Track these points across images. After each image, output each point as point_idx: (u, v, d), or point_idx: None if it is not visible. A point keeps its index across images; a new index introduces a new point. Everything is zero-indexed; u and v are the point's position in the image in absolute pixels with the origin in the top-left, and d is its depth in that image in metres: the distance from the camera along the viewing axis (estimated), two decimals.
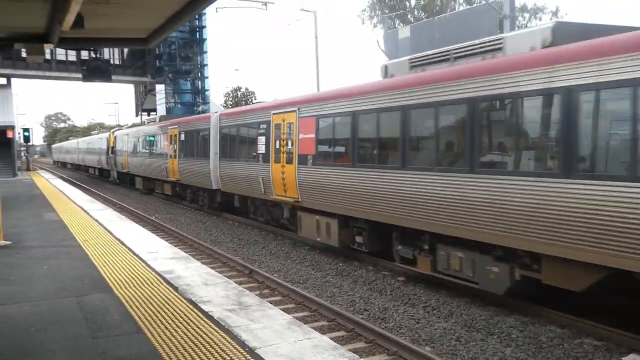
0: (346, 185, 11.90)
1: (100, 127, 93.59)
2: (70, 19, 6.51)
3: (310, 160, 13.30)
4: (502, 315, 8.77)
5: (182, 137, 23.27)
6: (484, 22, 21.23)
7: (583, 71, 7.12)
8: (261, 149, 15.86)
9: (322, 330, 7.93)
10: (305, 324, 6.75)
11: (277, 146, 14.89)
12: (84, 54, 10.80)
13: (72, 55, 43.25)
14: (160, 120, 29.09)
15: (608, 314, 8.09)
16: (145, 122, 33.15)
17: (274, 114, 15.18)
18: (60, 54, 42.60)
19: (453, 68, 9.63)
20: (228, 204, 20.12)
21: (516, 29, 20.42)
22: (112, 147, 37.62)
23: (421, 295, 9.92)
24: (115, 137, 37.24)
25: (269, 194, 15.56)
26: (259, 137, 16.07)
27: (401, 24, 42.51)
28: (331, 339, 5.95)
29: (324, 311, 9.17)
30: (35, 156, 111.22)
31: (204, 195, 22.05)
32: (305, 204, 13.73)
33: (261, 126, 15.92)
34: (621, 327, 7.59)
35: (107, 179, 42.92)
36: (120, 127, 46.46)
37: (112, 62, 41.92)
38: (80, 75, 11.25)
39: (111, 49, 42.45)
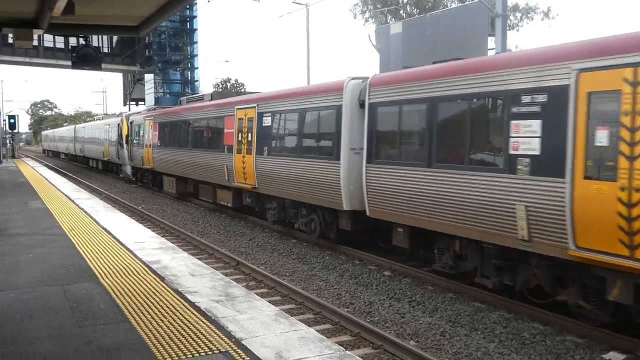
0: None
1: (88, 115, 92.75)
2: (61, 4, 6.45)
3: None
4: (486, 311, 8.88)
5: (266, 121, 15.56)
6: (476, 20, 21.29)
7: None
8: (522, 145, 8.04)
9: (308, 323, 7.95)
10: (291, 316, 6.78)
11: (601, 141, 7.00)
12: (73, 41, 10.69)
13: (59, 42, 42.92)
14: (213, 99, 21.00)
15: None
16: (183, 102, 25.18)
17: (581, 70, 7.19)
18: (48, 40, 42.26)
19: None
20: (353, 234, 12.79)
21: (507, 28, 20.47)
22: (127, 136, 30.13)
23: (406, 290, 10.00)
24: (131, 124, 29.60)
25: (549, 245, 7.67)
26: (514, 123, 8.22)
27: (393, 19, 42.52)
28: (317, 331, 5.98)
29: (310, 304, 9.21)
30: (21, 144, 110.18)
31: (311, 217, 13.88)
32: None
33: (524, 99, 8.03)
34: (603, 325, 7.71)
35: (113, 174, 35.87)
36: (136, 112, 36.84)
37: (101, 50, 41.28)
38: (68, 63, 11.15)
39: (100, 37, 42.03)
